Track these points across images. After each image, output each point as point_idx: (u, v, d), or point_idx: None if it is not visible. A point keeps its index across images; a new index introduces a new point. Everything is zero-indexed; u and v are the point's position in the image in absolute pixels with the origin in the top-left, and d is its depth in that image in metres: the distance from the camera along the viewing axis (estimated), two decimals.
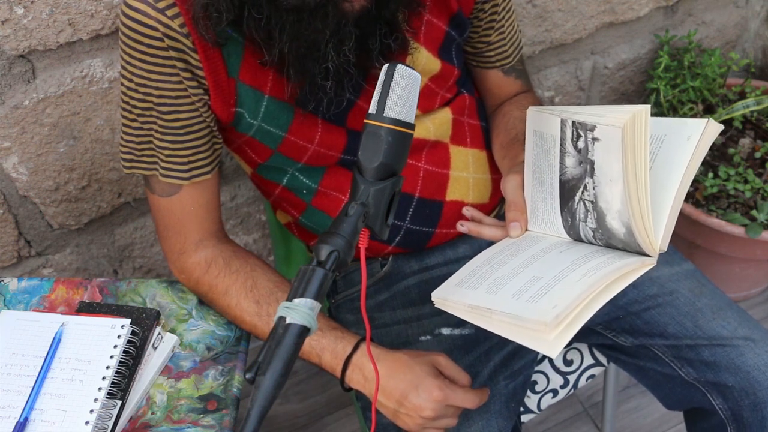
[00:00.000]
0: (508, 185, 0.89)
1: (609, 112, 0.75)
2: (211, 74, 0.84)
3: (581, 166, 0.79)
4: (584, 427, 1.62)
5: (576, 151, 0.79)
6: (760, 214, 1.55)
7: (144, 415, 0.88)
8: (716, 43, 1.89)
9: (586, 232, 0.83)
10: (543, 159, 0.83)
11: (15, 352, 0.88)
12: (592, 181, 0.79)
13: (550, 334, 0.70)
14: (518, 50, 1.10)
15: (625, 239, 0.79)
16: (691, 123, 0.80)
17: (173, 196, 0.92)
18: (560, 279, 0.76)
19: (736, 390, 0.95)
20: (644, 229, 0.77)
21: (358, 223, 0.69)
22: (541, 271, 0.78)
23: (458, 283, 0.82)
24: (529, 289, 0.75)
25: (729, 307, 1.01)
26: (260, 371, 0.61)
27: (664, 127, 0.82)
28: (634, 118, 0.73)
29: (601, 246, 0.83)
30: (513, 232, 0.86)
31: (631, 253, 0.80)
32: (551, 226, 0.86)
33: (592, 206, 0.81)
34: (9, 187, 1.24)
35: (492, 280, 0.79)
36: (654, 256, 0.79)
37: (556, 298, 0.72)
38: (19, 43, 1.08)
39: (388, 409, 0.87)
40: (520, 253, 0.83)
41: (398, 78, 0.71)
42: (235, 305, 0.93)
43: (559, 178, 0.83)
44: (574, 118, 0.77)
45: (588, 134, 0.76)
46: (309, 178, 1.00)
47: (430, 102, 1.00)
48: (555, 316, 0.70)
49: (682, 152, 0.79)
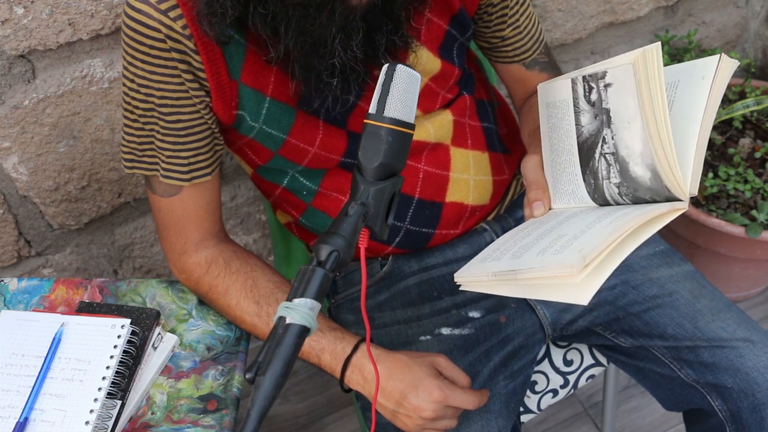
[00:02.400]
0: (528, 165, 0.89)
1: (618, 57, 0.74)
2: (212, 76, 0.84)
3: (597, 119, 0.78)
4: (584, 427, 1.62)
5: (590, 105, 0.78)
6: (760, 214, 1.55)
7: (144, 415, 0.88)
8: (716, 43, 1.89)
9: (611, 191, 0.81)
10: (558, 128, 0.82)
11: (15, 352, 0.88)
12: (610, 130, 0.77)
13: (578, 277, 0.67)
14: (539, 43, 1.08)
15: (651, 185, 0.76)
16: (703, 62, 0.78)
17: (174, 196, 0.92)
18: (586, 231, 0.73)
19: (735, 391, 0.95)
20: (669, 168, 0.74)
21: (358, 223, 0.69)
22: (567, 230, 0.75)
23: (482, 260, 0.81)
24: (554, 245, 0.73)
25: (728, 308, 1.01)
26: (260, 371, 0.61)
27: (677, 72, 0.80)
28: (645, 54, 0.72)
29: (629, 203, 0.80)
30: (537, 211, 0.86)
31: (660, 203, 0.77)
32: (574, 197, 0.84)
33: (613, 158, 0.79)
34: (9, 187, 1.24)
35: (516, 248, 0.78)
36: (685, 200, 0.75)
37: (582, 244, 0.69)
38: (19, 43, 1.08)
39: (387, 410, 0.87)
40: (543, 225, 0.81)
41: (398, 78, 0.71)
42: (235, 305, 0.93)
43: (576, 141, 0.81)
44: (583, 74, 0.77)
45: (600, 83, 0.76)
46: (309, 180, 1.00)
47: (431, 102, 1.00)
48: (582, 258, 0.66)
49: (699, 92, 0.77)
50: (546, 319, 1.06)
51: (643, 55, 0.72)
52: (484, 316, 1.04)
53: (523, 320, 1.05)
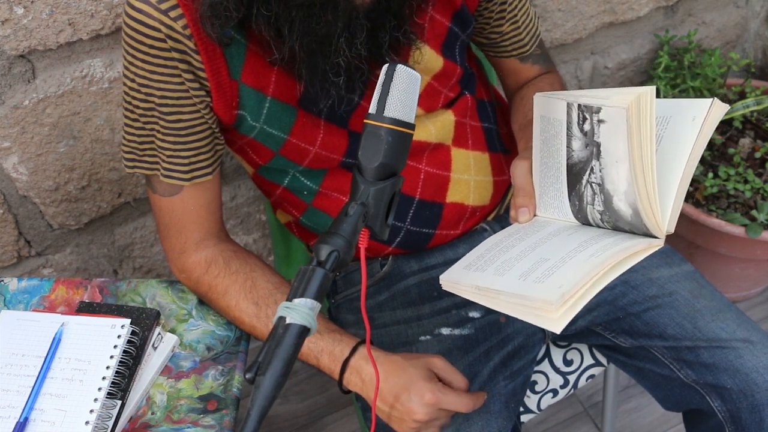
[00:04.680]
0: (517, 171, 0.89)
1: (614, 94, 0.75)
2: (213, 76, 0.84)
3: (588, 148, 0.79)
4: (584, 427, 1.62)
5: (582, 134, 0.79)
6: (760, 214, 1.55)
7: (144, 415, 0.88)
8: (716, 43, 1.89)
9: (594, 216, 0.83)
10: (550, 143, 0.83)
11: (15, 352, 0.88)
12: (599, 163, 0.79)
13: (556, 313, 0.71)
14: (535, 38, 1.09)
15: (632, 221, 0.79)
16: (695, 103, 0.80)
17: (174, 196, 0.92)
18: (567, 260, 0.76)
19: (735, 392, 0.95)
20: (651, 210, 0.76)
21: (358, 223, 0.69)
22: (549, 253, 0.78)
23: (466, 266, 0.82)
24: (536, 270, 0.75)
25: (728, 308, 1.01)
26: (260, 371, 0.61)
27: (669, 108, 0.81)
28: (639, 99, 0.73)
29: (608, 229, 0.83)
30: (522, 217, 0.87)
31: (638, 236, 0.80)
32: (559, 211, 0.86)
33: (599, 189, 0.80)
34: (9, 187, 1.24)
35: (499, 262, 0.79)
36: (661, 238, 0.78)
37: (562, 278, 0.73)
38: (19, 43, 1.08)
39: (383, 412, 0.87)
40: (528, 237, 0.83)
41: (398, 78, 0.71)
42: (234, 306, 0.93)
43: (566, 161, 0.82)
44: (579, 101, 0.78)
45: (594, 116, 0.76)
46: (310, 180, 1.00)
47: (433, 101, 1.00)
48: (561, 296, 0.70)
49: (688, 133, 0.79)
50: None
51: (638, 100, 0.73)
52: (484, 316, 1.04)
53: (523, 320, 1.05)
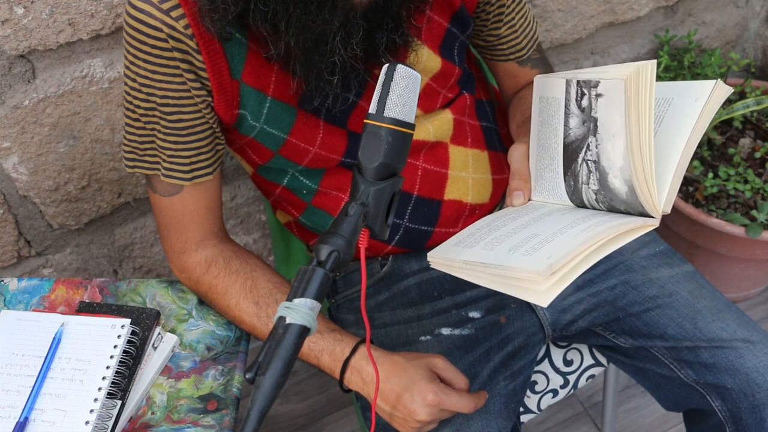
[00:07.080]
0: (514, 154, 0.90)
1: (614, 69, 0.75)
2: (214, 76, 0.84)
3: (584, 125, 0.79)
4: (584, 427, 1.62)
5: (580, 110, 0.78)
6: (760, 214, 1.55)
7: (144, 415, 0.88)
8: (716, 43, 1.89)
9: (589, 196, 0.82)
10: (547, 124, 0.83)
11: (15, 352, 0.88)
12: (595, 139, 0.78)
13: (543, 284, 0.68)
14: (533, 42, 1.09)
15: (627, 199, 0.78)
16: (699, 85, 0.79)
17: (175, 195, 0.92)
18: (558, 235, 0.74)
19: (735, 392, 0.95)
20: (646, 186, 0.75)
21: (358, 223, 0.69)
22: (540, 230, 0.77)
23: (456, 244, 0.81)
24: (525, 244, 0.74)
25: (728, 308, 1.01)
26: (260, 371, 0.61)
27: (672, 90, 0.81)
28: (639, 71, 0.72)
29: (603, 209, 0.82)
30: (516, 200, 0.87)
31: (633, 215, 0.78)
32: (554, 194, 0.85)
33: (594, 166, 0.80)
34: (9, 187, 1.24)
35: (489, 239, 0.79)
36: (657, 217, 0.77)
37: (552, 250, 0.71)
38: (19, 43, 1.08)
39: (385, 412, 0.87)
40: (520, 217, 0.82)
41: (398, 78, 0.71)
42: (234, 306, 0.93)
43: (563, 141, 0.82)
44: (578, 77, 0.77)
45: (592, 91, 0.76)
46: (309, 179, 1.00)
47: (432, 102, 1.00)
48: (549, 266, 0.68)
49: (689, 114, 0.78)
50: (546, 320, 1.06)
51: (637, 73, 0.72)
52: (485, 316, 1.04)
53: (523, 320, 1.05)
